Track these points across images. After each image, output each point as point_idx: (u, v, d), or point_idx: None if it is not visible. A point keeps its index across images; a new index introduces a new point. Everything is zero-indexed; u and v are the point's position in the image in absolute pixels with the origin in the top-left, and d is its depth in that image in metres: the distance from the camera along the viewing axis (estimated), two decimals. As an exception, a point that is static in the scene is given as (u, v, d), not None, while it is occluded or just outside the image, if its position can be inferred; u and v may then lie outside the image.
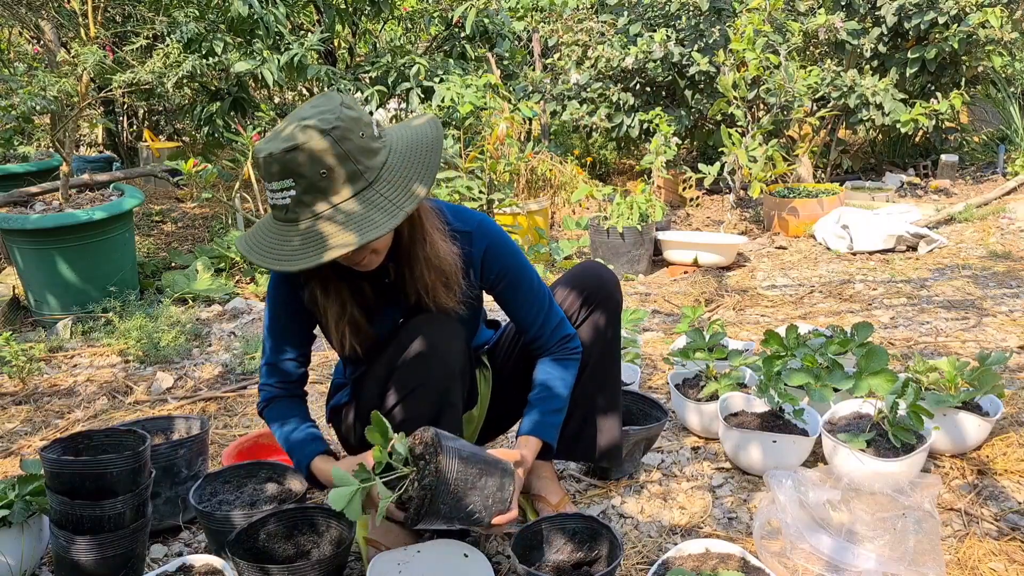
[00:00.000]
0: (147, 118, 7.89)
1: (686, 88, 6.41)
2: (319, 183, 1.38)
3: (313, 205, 1.39)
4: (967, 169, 6.90)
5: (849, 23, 6.00)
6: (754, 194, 5.09)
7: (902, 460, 1.92)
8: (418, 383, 1.60)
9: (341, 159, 1.39)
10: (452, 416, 1.64)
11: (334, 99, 1.45)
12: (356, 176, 1.41)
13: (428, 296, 1.63)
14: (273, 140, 1.40)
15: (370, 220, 1.38)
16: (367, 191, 1.42)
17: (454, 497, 1.42)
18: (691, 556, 1.62)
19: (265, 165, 1.39)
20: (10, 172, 5.02)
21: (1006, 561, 1.72)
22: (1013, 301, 3.56)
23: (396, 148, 1.49)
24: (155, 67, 3.77)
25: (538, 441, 1.74)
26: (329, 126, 1.38)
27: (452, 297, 1.64)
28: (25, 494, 1.75)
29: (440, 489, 1.39)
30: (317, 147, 1.37)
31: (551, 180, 5.67)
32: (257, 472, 1.98)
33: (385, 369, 1.64)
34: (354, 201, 1.40)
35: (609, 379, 1.91)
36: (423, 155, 1.49)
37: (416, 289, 1.63)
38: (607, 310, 1.85)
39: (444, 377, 1.61)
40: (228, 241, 4.61)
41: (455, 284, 1.64)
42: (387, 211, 1.40)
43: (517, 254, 1.74)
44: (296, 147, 1.36)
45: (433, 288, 1.62)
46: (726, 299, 3.94)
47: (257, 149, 1.41)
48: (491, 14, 6.44)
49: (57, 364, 3.24)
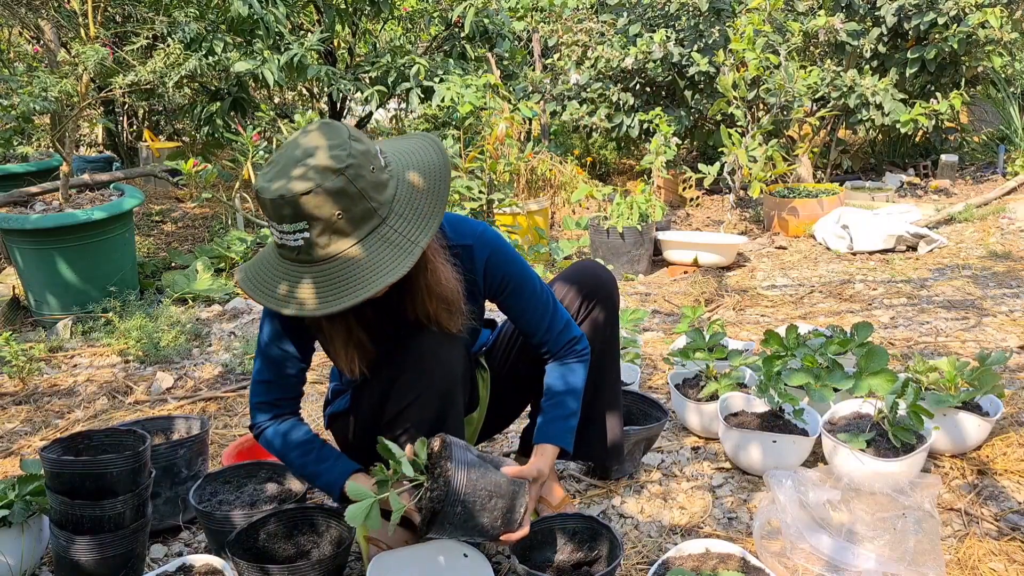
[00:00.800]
0: (147, 118, 7.89)
1: (686, 88, 6.41)
2: (334, 224, 1.32)
3: (328, 247, 1.33)
4: (967, 169, 6.90)
5: (849, 24, 6.00)
6: (754, 194, 5.09)
7: (902, 460, 1.92)
8: (421, 389, 1.58)
9: (355, 199, 1.32)
10: (455, 421, 1.64)
11: (341, 131, 1.37)
12: (370, 214, 1.35)
13: (431, 322, 1.58)
14: (280, 178, 1.32)
15: (387, 260, 1.34)
16: (381, 227, 1.36)
17: (464, 510, 1.41)
18: (691, 556, 1.62)
19: (275, 207, 1.31)
20: (10, 172, 5.03)
21: (1006, 561, 1.72)
22: (1013, 301, 3.56)
23: (401, 177, 1.43)
24: (156, 67, 3.77)
25: (555, 448, 1.70)
26: (343, 164, 1.31)
27: (455, 322, 1.59)
28: (25, 494, 1.75)
29: (450, 499, 1.39)
30: (331, 188, 1.30)
31: (551, 180, 5.68)
32: (257, 472, 1.98)
33: (387, 376, 1.62)
34: (370, 240, 1.35)
35: (609, 378, 1.91)
36: (432, 183, 1.44)
37: (417, 316, 1.59)
38: (606, 309, 1.85)
39: (446, 382, 1.59)
40: (228, 241, 4.62)
41: (457, 310, 1.59)
42: (403, 248, 1.35)
43: (519, 261, 1.71)
44: (310, 191, 1.29)
45: (436, 315, 1.57)
46: (726, 299, 3.94)
47: (262, 188, 1.32)
48: (491, 14, 6.44)
49: (57, 364, 3.24)
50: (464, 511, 1.42)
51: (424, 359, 1.57)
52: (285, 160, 1.35)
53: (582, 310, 1.84)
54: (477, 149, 4.72)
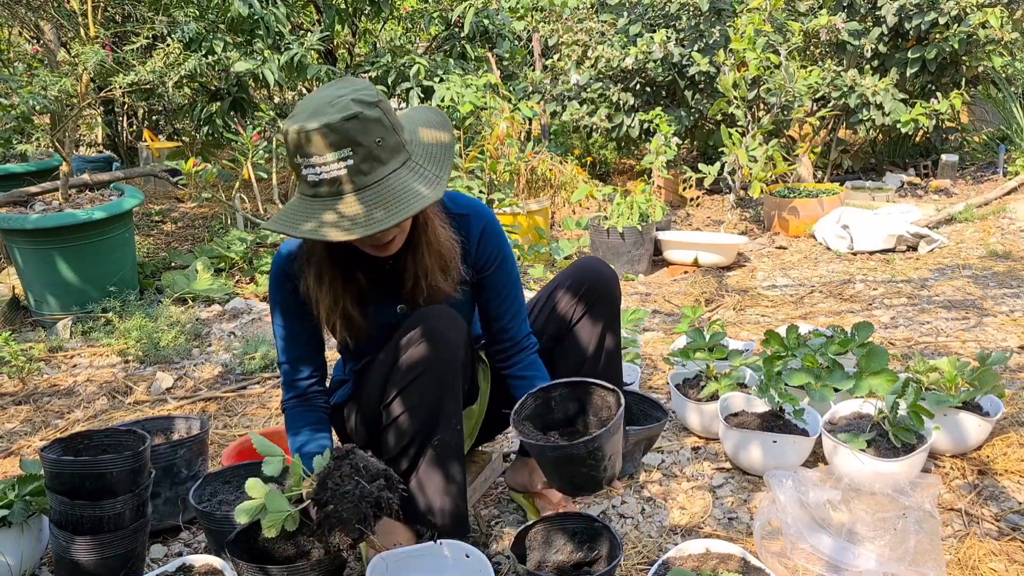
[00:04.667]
0: (147, 118, 7.89)
1: (686, 88, 6.41)
2: (375, 151, 1.39)
3: (370, 174, 1.39)
4: (967, 169, 6.90)
5: (850, 23, 6.00)
6: (754, 194, 5.08)
7: (902, 460, 1.92)
8: (420, 371, 1.59)
9: (389, 130, 1.41)
10: (454, 405, 1.64)
11: (356, 80, 1.46)
12: (399, 147, 1.44)
13: (426, 280, 1.63)
14: (318, 115, 1.37)
15: (419, 188, 1.41)
16: (409, 162, 1.45)
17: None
18: (691, 556, 1.62)
19: (322, 135, 1.35)
20: (10, 172, 5.03)
21: (1006, 561, 1.72)
22: (1013, 301, 3.56)
23: (412, 128, 1.53)
24: (156, 67, 3.77)
25: None
26: (375, 99, 1.40)
27: (449, 282, 1.66)
28: (25, 494, 1.75)
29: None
30: (371, 116, 1.38)
31: (551, 180, 5.67)
32: (257, 472, 1.97)
33: (387, 361, 1.64)
34: (403, 170, 1.43)
35: (612, 378, 1.91)
36: (439, 137, 1.53)
37: (415, 273, 1.63)
38: (607, 305, 1.86)
39: (446, 364, 1.61)
40: (228, 241, 4.61)
41: (454, 269, 1.65)
42: (430, 181, 1.43)
43: (508, 242, 1.78)
44: (355, 115, 1.36)
45: (432, 272, 1.62)
46: (726, 299, 3.93)
47: (302, 126, 1.36)
48: (491, 14, 6.44)
49: (57, 364, 3.24)
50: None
51: (423, 342, 1.59)
52: (317, 103, 1.40)
53: (582, 305, 1.84)
54: (477, 149, 4.72)
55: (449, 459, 1.65)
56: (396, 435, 1.63)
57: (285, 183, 5.26)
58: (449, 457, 1.65)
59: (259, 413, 2.72)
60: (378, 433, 1.69)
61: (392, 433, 1.64)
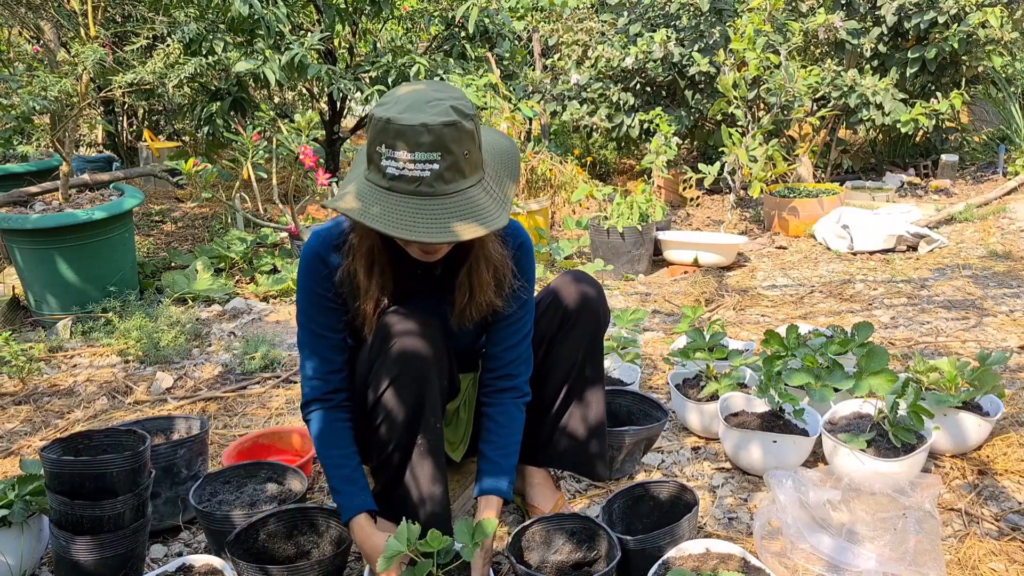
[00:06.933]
0: (147, 118, 7.89)
1: (686, 88, 6.41)
2: (460, 163, 1.39)
3: (451, 183, 1.39)
4: (967, 169, 6.90)
5: (849, 23, 6.00)
6: (754, 194, 5.08)
7: (902, 460, 1.92)
8: (396, 372, 1.59)
9: (477, 146, 1.42)
10: (432, 402, 1.64)
11: (452, 87, 1.45)
12: (478, 165, 1.44)
13: (479, 292, 1.63)
14: (416, 112, 1.35)
15: (492, 208, 1.42)
16: (484, 180, 1.45)
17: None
18: (691, 556, 1.62)
19: (414, 133, 1.33)
20: (10, 172, 5.03)
21: (1006, 561, 1.72)
22: (1013, 301, 3.56)
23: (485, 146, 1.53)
24: (156, 67, 3.77)
25: (500, 500, 1.70)
26: (471, 111, 1.40)
27: (501, 295, 1.66)
28: (25, 494, 1.75)
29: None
30: (467, 128, 1.38)
31: (551, 180, 5.66)
32: (257, 472, 1.98)
33: (368, 359, 1.65)
34: (479, 187, 1.43)
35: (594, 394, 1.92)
36: (504, 158, 1.54)
37: (469, 285, 1.63)
38: (592, 325, 1.86)
39: (419, 363, 1.60)
40: (228, 241, 4.62)
41: (506, 283, 1.66)
42: (500, 201, 1.45)
43: (535, 264, 1.79)
44: (454, 123, 1.35)
45: (486, 287, 1.63)
46: (726, 299, 3.93)
47: (395, 117, 1.34)
48: (491, 14, 6.44)
49: (57, 364, 3.24)
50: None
51: (397, 335, 1.59)
52: (413, 99, 1.39)
53: (567, 323, 1.84)
54: (477, 149, 4.70)
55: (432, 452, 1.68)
56: (386, 427, 1.64)
57: (285, 183, 5.26)
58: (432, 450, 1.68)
59: (259, 413, 2.72)
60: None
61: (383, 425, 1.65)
